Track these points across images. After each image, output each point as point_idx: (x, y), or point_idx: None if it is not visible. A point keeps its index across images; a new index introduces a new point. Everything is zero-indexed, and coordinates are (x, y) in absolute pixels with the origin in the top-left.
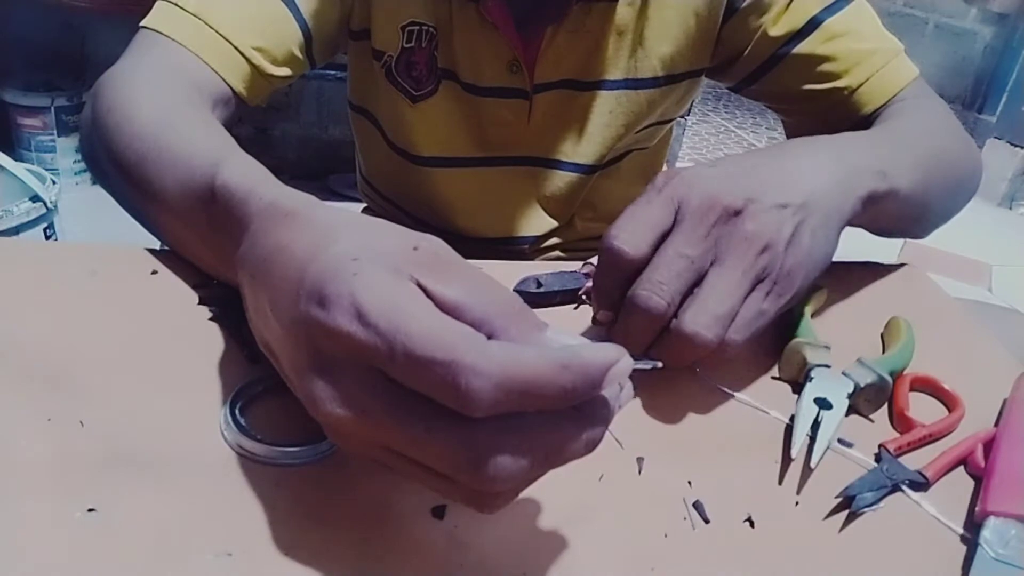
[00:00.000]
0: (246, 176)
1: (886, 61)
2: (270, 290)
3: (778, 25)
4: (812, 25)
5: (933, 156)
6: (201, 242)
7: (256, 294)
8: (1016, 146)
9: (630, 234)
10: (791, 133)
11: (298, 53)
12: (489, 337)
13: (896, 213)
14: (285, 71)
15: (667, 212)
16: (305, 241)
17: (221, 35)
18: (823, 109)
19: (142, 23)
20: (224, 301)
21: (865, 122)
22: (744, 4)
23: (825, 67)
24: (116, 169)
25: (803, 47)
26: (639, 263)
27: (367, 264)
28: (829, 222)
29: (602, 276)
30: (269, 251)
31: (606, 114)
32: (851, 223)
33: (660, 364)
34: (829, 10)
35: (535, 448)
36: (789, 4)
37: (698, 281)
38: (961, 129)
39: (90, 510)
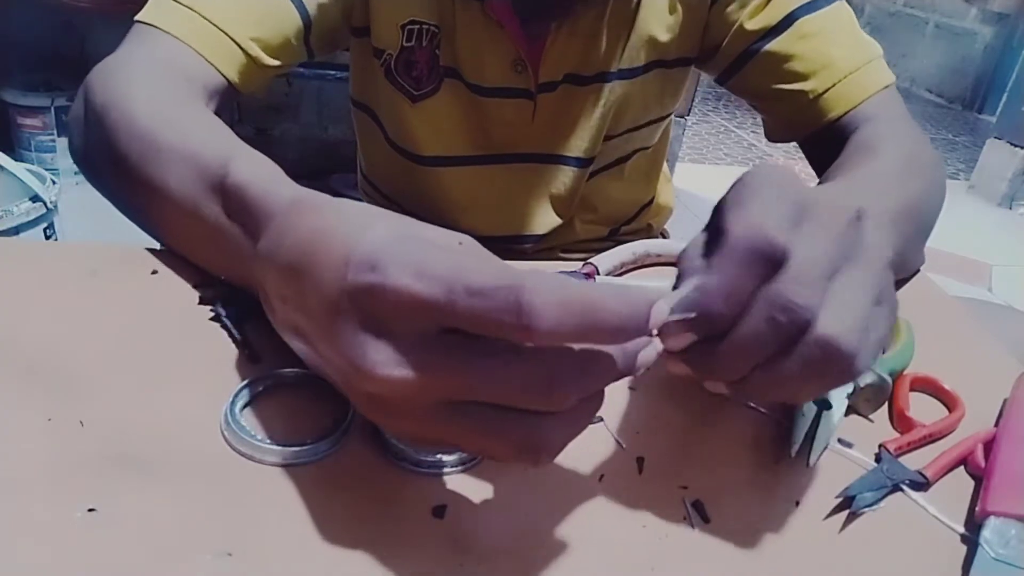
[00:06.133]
0: (260, 172)
1: (855, 68)
2: (311, 270)
3: (755, 19)
4: (787, 22)
5: (917, 210)
6: (207, 238)
7: (287, 280)
8: (1016, 146)
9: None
10: (768, 132)
11: (295, 42)
12: None
13: None
14: (282, 61)
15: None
16: (347, 222)
17: (216, 26)
18: (791, 111)
19: (137, 17)
20: (225, 300)
21: (830, 128)
22: None
23: (792, 66)
24: (114, 167)
25: (775, 44)
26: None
27: (420, 239)
28: None
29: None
30: (304, 235)
31: (604, 105)
32: None
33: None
34: (807, 7)
35: (595, 363)
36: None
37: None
38: (931, 156)
39: (90, 510)
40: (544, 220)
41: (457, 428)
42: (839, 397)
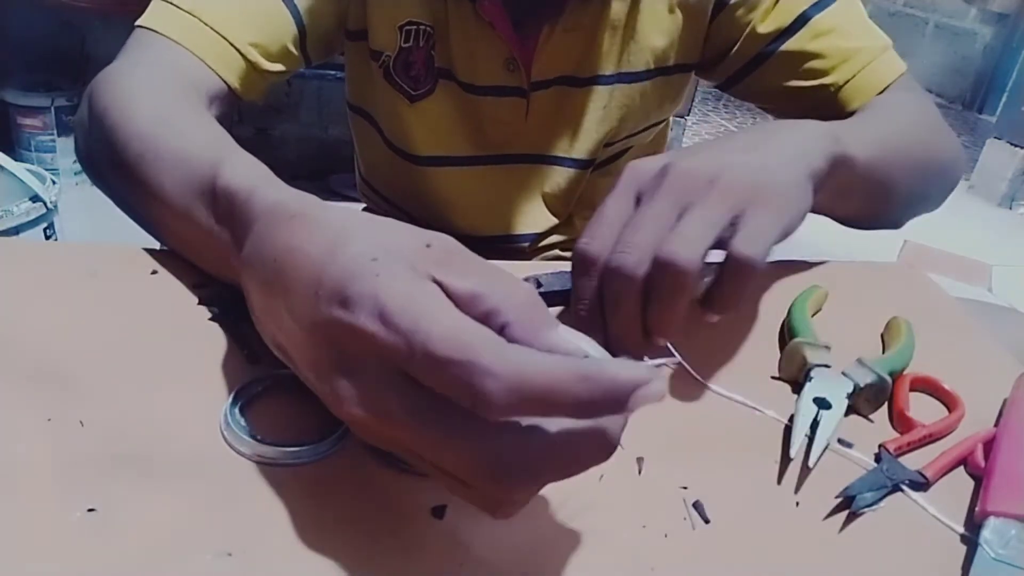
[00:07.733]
0: (248, 176)
1: (873, 57)
2: (285, 293)
3: (766, 22)
4: (800, 22)
5: (898, 134)
6: (201, 241)
7: (267, 297)
8: (1016, 146)
9: (595, 235)
10: None
11: (292, 48)
12: (503, 327)
13: (857, 186)
14: (280, 67)
15: (628, 202)
16: (318, 242)
17: (216, 31)
18: (809, 106)
19: (137, 22)
20: (224, 301)
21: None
22: (733, 0)
23: (812, 64)
24: (114, 169)
25: (790, 44)
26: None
27: (386, 263)
28: (796, 170)
29: (580, 283)
30: (279, 253)
31: (601, 109)
32: (816, 187)
33: (678, 359)
34: (817, 6)
35: (553, 457)
36: (777, 1)
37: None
38: (940, 120)
39: (90, 510)
40: (540, 220)
41: (421, 465)
42: (839, 397)
